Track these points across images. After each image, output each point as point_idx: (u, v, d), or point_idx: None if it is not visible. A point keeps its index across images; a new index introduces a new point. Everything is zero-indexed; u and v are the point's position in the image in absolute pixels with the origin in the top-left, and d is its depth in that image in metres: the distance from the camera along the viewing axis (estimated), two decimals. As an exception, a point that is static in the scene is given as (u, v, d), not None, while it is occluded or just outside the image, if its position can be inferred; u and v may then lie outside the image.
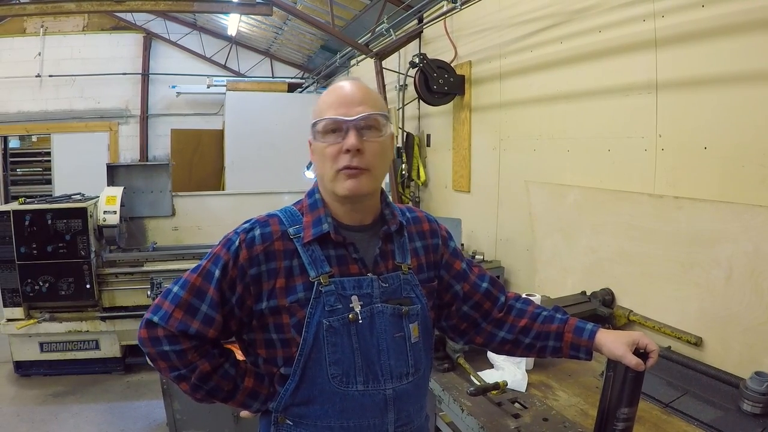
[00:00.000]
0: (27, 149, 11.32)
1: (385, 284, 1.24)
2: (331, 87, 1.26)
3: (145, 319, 1.21)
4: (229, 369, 1.26)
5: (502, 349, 1.45)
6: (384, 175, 1.27)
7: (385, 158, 1.24)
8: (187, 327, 1.18)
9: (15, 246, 4.23)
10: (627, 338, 1.28)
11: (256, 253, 1.19)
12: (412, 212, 1.41)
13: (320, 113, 1.21)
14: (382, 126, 1.21)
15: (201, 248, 5.07)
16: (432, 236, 1.39)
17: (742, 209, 2.05)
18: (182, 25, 10.26)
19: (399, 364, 1.23)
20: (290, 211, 1.27)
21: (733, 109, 2.16)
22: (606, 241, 2.74)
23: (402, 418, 1.25)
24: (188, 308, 1.19)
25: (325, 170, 1.20)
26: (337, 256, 1.22)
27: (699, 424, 1.77)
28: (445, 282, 1.40)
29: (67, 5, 4.78)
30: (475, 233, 4.39)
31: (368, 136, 1.19)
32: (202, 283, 1.20)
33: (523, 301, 1.45)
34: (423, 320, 1.30)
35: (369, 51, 5.47)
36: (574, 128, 3.17)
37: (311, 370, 1.19)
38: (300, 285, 1.19)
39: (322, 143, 1.20)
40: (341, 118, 1.17)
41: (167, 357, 1.20)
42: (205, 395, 1.26)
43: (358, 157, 1.17)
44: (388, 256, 1.28)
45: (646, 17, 2.55)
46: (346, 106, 1.18)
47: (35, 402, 4.14)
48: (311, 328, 1.17)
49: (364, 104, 1.19)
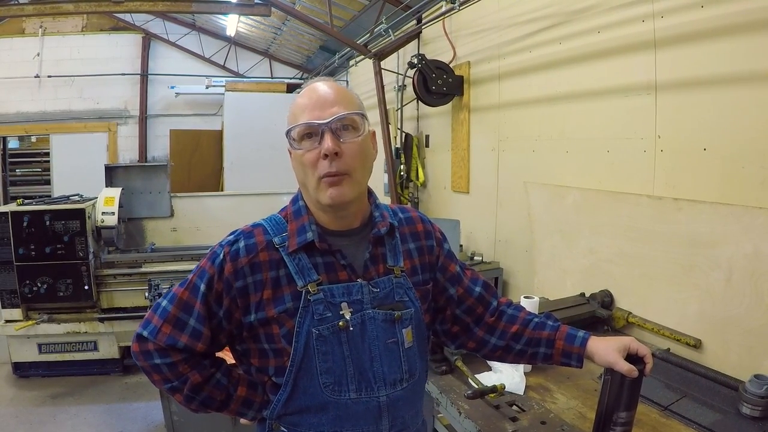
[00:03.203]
0: (26, 150, 11.31)
1: (375, 289, 1.21)
2: (303, 91, 1.21)
3: (136, 334, 1.22)
4: (221, 379, 1.25)
5: (494, 355, 1.43)
6: (367, 176, 1.22)
7: (365, 159, 1.19)
8: (175, 341, 1.18)
9: (13, 247, 4.22)
10: (618, 344, 1.26)
11: (241, 266, 1.17)
12: (405, 212, 1.36)
13: (294, 119, 1.17)
14: (359, 125, 1.17)
15: (200, 249, 5.06)
16: (426, 237, 1.35)
17: (741, 211, 2.04)
18: (181, 25, 10.25)
19: (392, 370, 1.21)
20: (275, 219, 1.25)
21: (733, 110, 2.16)
22: (605, 242, 2.73)
23: (397, 424, 1.23)
24: (176, 323, 1.18)
25: (307, 179, 1.16)
26: (324, 264, 1.19)
27: (698, 427, 1.76)
28: (441, 285, 1.37)
29: (66, 6, 4.76)
30: (474, 234, 4.38)
31: (346, 138, 1.14)
32: (189, 297, 1.19)
33: (514, 307, 1.43)
34: (417, 324, 1.27)
35: (368, 51, 5.47)
36: (573, 129, 3.16)
37: (303, 380, 1.18)
38: (288, 295, 1.17)
39: (299, 150, 1.15)
40: (315, 122, 1.13)
41: (159, 370, 1.20)
42: (199, 406, 1.26)
43: (336, 161, 1.12)
44: (378, 259, 1.24)
45: (646, 18, 2.54)
46: (319, 109, 1.14)
47: (33, 403, 4.13)
48: (301, 337, 1.15)
49: (338, 104, 1.14)
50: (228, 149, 8.67)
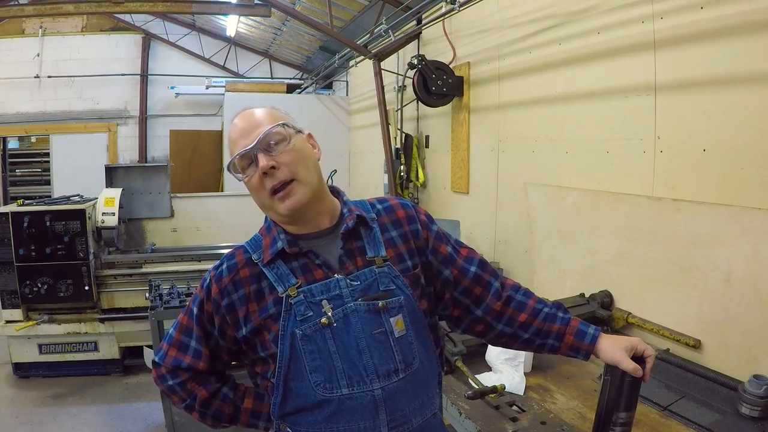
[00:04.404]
0: (26, 150, 11.33)
1: (355, 282, 1.23)
2: (231, 125, 1.30)
3: (152, 361, 1.37)
4: (227, 393, 1.36)
5: (499, 341, 1.43)
6: (315, 176, 1.26)
7: (306, 160, 1.24)
8: (179, 362, 1.31)
9: (14, 248, 4.22)
10: (625, 343, 1.27)
11: (225, 285, 1.26)
12: (384, 202, 1.37)
13: (231, 154, 1.25)
14: (286, 135, 1.22)
15: (199, 250, 5.07)
16: (409, 222, 1.34)
17: (740, 212, 2.05)
18: (181, 26, 10.25)
19: (383, 361, 1.20)
20: (255, 238, 1.33)
21: (732, 112, 2.16)
22: (604, 243, 2.74)
23: (396, 418, 1.20)
24: (180, 346, 1.32)
25: (261, 200, 1.25)
26: (300, 266, 1.25)
27: (697, 427, 1.77)
28: (435, 268, 1.35)
29: (66, 6, 4.76)
30: (474, 234, 4.38)
31: (277, 150, 1.21)
32: (187, 321, 1.32)
33: (523, 293, 1.41)
34: (410, 311, 1.25)
35: (368, 52, 5.47)
36: (572, 130, 3.16)
37: (293, 381, 1.21)
38: (270, 302, 1.24)
39: (245, 177, 1.24)
40: (245, 150, 1.21)
41: (173, 390, 1.34)
42: (212, 420, 1.37)
43: (276, 174, 1.20)
44: (355, 253, 1.26)
45: (645, 19, 2.55)
46: (245, 137, 1.22)
47: (34, 404, 4.13)
48: (286, 339, 1.20)
49: (261, 125, 1.22)
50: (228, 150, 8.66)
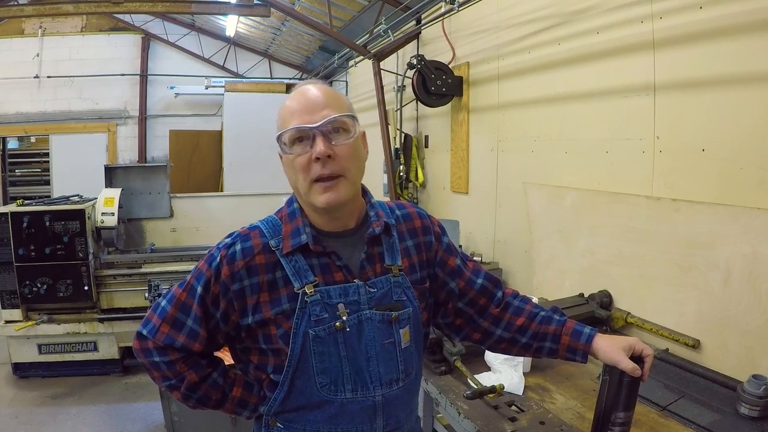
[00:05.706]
0: (25, 150, 11.34)
1: (372, 289, 1.21)
2: (292, 94, 1.21)
3: (137, 332, 1.25)
4: (217, 378, 1.28)
5: (498, 347, 1.43)
6: (360, 176, 1.22)
7: (358, 160, 1.19)
8: (172, 341, 1.21)
9: (13, 248, 4.22)
10: (623, 343, 1.27)
11: (238, 269, 1.17)
12: (402, 209, 1.35)
13: (284, 124, 1.17)
14: (350, 127, 1.17)
15: (199, 250, 5.06)
16: (424, 233, 1.34)
17: (740, 212, 2.05)
18: (181, 26, 10.25)
19: (389, 370, 1.21)
20: (272, 221, 1.25)
21: (731, 111, 2.16)
22: (604, 243, 2.74)
23: (391, 423, 1.24)
24: (174, 323, 1.21)
25: (299, 182, 1.16)
26: (320, 265, 1.19)
27: (696, 427, 1.77)
28: (440, 280, 1.35)
29: (65, 7, 4.76)
30: (473, 235, 4.39)
31: (337, 140, 1.14)
32: (186, 298, 1.21)
33: (521, 299, 1.42)
34: (415, 324, 1.27)
35: (367, 52, 5.47)
36: (572, 130, 3.16)
37: (300, 380, 1.19)
38: (284, 296, 1.18)
39: (290, 154, 1.16)
40: (306, 126, 1.13)
41: (158, 367, 1.23)
42: (195, 403, 1.29)
43: (329, 164, 1.13)
44: (375, 259, 1.24)
45: (644, 19, 2.55)
46: (309, 113, 1.14)
47: (33, 404, 4.13)
48: (298, 338, 1.16)
49: (328, 107, 1.14)
50: (227, 150, 8.67)
